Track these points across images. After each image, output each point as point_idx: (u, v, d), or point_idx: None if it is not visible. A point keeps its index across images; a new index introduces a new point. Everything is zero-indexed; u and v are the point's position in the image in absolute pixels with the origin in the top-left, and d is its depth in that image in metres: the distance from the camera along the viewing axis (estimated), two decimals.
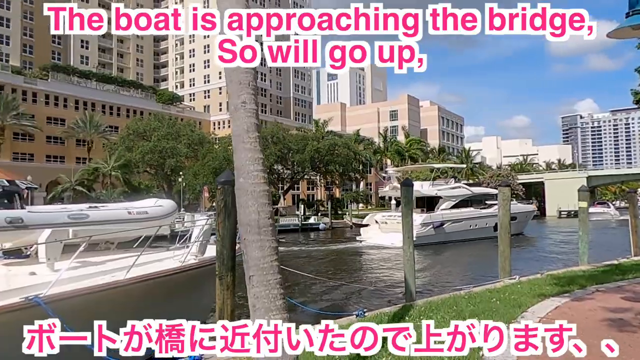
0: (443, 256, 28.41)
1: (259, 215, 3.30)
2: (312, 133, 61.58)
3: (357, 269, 24.19)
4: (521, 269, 17.87)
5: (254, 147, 3.48)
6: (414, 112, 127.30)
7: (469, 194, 36.99)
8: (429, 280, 19.21)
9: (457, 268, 24.04)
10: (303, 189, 76.90)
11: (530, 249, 31.01)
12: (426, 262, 25.32)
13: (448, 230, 33.83)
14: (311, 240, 42.54)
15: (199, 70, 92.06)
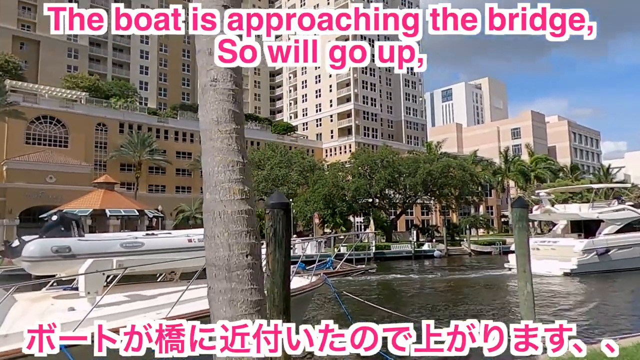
0: (608, 287, 24.95)
1: (229, 251, 2.11)
2: (424, 155, 58.98)
3: (505, 302, 21.33)
4: None
5: (227, 145, 2.34)
6: (540, 129, 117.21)
7: (637, 217, 32.98)
8: (588, 318, 16.13)
9: (622, 304, 20.26)
10: (417, 214, 73.89)
11: None
12: (587, 294, 22.56)
13: (614, 258, 30.41)
14: (426, 268, 39.93)
15: (310, 100, 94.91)
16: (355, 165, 53.88)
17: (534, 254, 31.28)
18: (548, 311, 17.23)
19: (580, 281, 26.30)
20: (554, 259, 29.43)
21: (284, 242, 5.32)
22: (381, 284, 29.03)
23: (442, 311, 16.84)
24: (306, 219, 51.88)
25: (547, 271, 28.65)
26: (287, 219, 5.41)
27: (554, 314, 16.88)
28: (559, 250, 30.17)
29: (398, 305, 18.72)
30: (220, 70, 2.34)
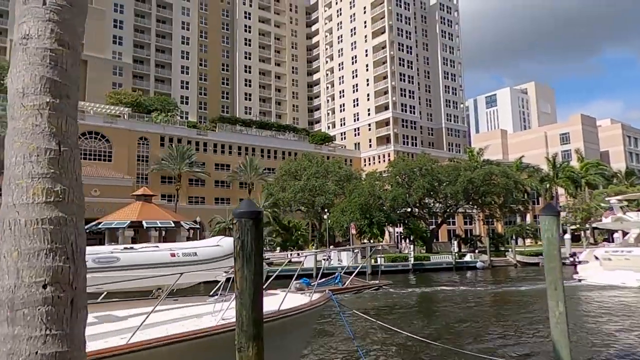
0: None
1: (17, 279, 1.44)
2: (465, 163, 56.95)
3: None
4: None
5: (32, 126, 1.64)
6: (590, 133, 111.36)
7: None
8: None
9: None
10: (459, 224, 71.41)
11: None
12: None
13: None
14: (468, 280, 38.12)
15: (348, 109, 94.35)
16: (393, 174, 52.63)
17: (606, 265, 31.18)
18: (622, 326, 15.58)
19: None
20: (629, 270, 28.36)
21: (254, 257, 4.61)
22: (420, 296, 27.75)
23: (478, 334, 15.46)
24: (343, 229, 51.01)
25: (622, 282, 27.64)
26: (258, 230, 4.70)
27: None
28: (634, 260, 29.00)
29: (429, 323, 17.61)
30: (34, 23, 1.67)
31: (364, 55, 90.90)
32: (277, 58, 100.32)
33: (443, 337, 13.83)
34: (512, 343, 13.27)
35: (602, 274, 30.49)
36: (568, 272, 33.81)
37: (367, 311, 20.29)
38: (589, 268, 32.74)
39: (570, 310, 22.31)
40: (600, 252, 33.14)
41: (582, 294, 26.38)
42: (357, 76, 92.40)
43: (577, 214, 62.05)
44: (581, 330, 16.29)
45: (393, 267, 43.28)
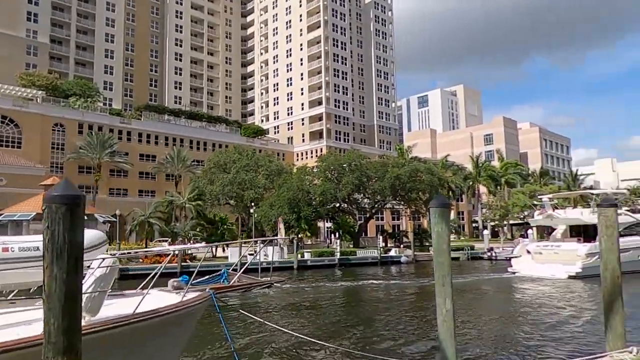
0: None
1: None
2: (392, 160, 58.04)
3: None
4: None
5: None
6: (511, 135, 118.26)
7: (634, 222, 34.59)
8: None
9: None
10: (387, 219, 72.96)
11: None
12: (590, 297, 23.22)
13: None
14: (389, 275, 38.75)
15: (282, 103, 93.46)
16: (322, 169, 52.52)
17: (537, 258, 33.13)
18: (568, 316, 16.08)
19: (586, 284, 27.28)
20: (558, 263, 30.28)
21: (68, 252, 3.76)
22: (338, 291, 27.60)
23: (379, 331, 15.14)
24: (271, 224, 50.23)
25: (551, 274, 29.56)
26: (74, 218, 3.84)
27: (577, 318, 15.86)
28: (562, 254, 31.02)
29: (332, 321, 17.31)
30: None
31: (298, 49, 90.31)
32: (210, 47, 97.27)
33: (340, 335, 13.43)
34: (412, 340, 13.18)
35: (534, 267, 32.42)
36: (504, 265, 37.96)
37: (268, 310, 19.70)
38: (522, 261, 34.60)
39: (500, 300, 23.58)
40: (532, 247, 35.10)
41: (514, 285, 28.39)
42: (291, 70, 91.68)
43: (495, 211, 65.33)
44: (498, 321, 16.73)
45: (319, 261, 43.19)
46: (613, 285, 8.29)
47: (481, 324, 16.28)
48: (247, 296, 22.58)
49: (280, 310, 20.16)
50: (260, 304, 21.50)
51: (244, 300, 22.26)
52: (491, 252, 51.41)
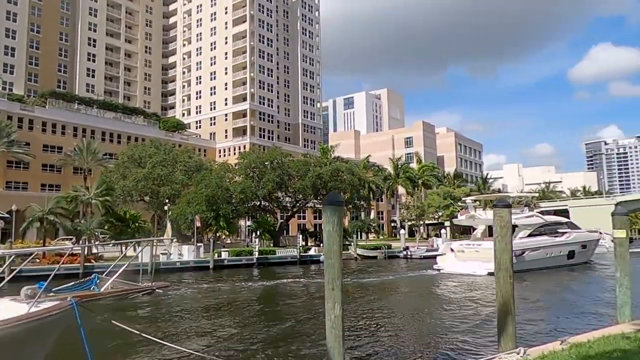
0: (525, 285, 27.20)
1: None
2: (314, 159, 58.09)
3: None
4: (537, 331, 13.62)
5: None
6: (430, 139, 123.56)
7: (543, 222, 37.31)
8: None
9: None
10: (309, 218, 73.04)
11: (564, 290, 26.37)
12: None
13: (527, 259, 33.75)
14: (311, 274, 38.54)
15: (205, 97, 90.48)
16: (243, 166, 51.29)
17: (460, 256, 35.04)
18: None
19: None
20: (479, 261, 31.86)
21: None
22: (254, 292, 26.78)
23: (272, 337, 14.57)
24: (187, 222, 48.14)
25: (473, 271, 31.21)
26: None
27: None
28: (483, 252, 32.46)
29: (234, 322, 16.59)
30: None
31: (223, 42, 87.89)
32: (129, 34, 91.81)
33: (241, 342, 12.79)
34: (307, 345, 12.76)
35: (457, 264, 33.94)
36: (419, 264, 40.42)
37: (173, 315, 18.49)
38: (446, 259, 36.13)
39: (418, 297, 24.19)
40: (455, 245, 36.82)
41: (436, 282, 29.97)
42: (215, 63, 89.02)
43: (412, 211, 67.67)
44: (406, 319, 16.80)
45: (237, 261, 42.02)
46: (506, 285, 8.30)
47: (387, 324, 16.30)
48: (156, 300, 21.23)
49: (184, 313, 19.00)
50: (166, 308, 20.18)
51: (152, 305, 20.85)
52: (407, 251, 53.03)
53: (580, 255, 38.39)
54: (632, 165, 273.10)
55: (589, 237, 40.37)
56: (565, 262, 36.82)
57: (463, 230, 79.03)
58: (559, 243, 36.93)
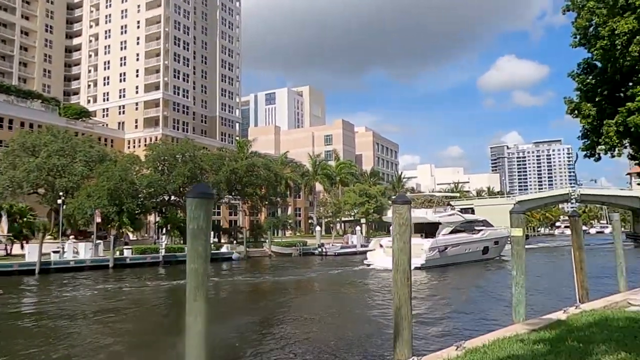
0: (448, 277, 30.00)
1: None
2: (230, 153, 56.16)
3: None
4: (438, 333, 13.45)
5: None
6: (349, 138, 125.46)
7: (463, 220, 40.46)
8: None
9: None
10: (224, 215, 70.72)
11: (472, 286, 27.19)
12: (432, 283, 27.16)
13: (450, 254, 36.39)
14: (222, 272, 36.96)
15: (114, 83, 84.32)
16: (151, 158, 48.15)
17: (388, 252, 37.28)
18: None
19: (428, 273, 31.54)
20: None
21: None
22: (154, 291, 24.76)
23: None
24: (86, 217, 44.25)
25: None
26: None
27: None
28: (411, 248, 33.82)
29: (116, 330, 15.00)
30: None
31: (135, 26, 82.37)
32: (26, 10, 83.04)
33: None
34: None
35: (386, 260, 34.85)
36: (302, 264, 41.11)
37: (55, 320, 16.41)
38: (376, 255, 37.57)
39: (344, 293, 23.76)
40: (384, 241, 37.97)
41: (369, 275, 31.31)
42: (126, 48, 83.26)
43: (329, 207, 67.92)
44: (313, 320, 16.02)
45: (141, 259, 39.30)
46: (403, 288, 7.66)
47: (291, 327, 15.46)
48: (47, 301, 18.83)
49: (61, 321, 16.82)
50: (51, 312, 17.82)
51: (41, 306, 18.43)
52: (322, 247, 52.96)
53: (493, 251, 41.77)
54: (530, 168, 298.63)
55: (501, 234, 43.37)
56: (481, 257, 39.76)
57: (378, 227, 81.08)
58: (476, 239, 39.64)
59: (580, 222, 12.55)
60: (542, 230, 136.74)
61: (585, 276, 12.94)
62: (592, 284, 13.48)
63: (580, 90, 17.98)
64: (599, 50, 15.92)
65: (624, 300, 11.97)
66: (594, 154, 18.19)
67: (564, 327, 8.15)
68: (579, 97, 18.14)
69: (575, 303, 11.02)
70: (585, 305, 10.86)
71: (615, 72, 16.44)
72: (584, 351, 6.43)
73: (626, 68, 15.50)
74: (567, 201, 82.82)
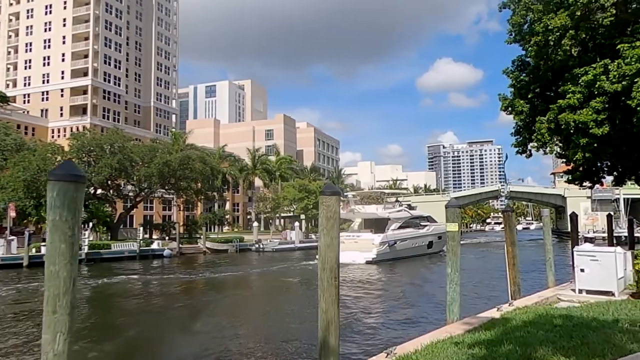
0: (397, 271, 31.21)
1: None
2: (163, 144, 53.42)
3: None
4: (370, 336, 12.82)
5: None
6: (290, 133, 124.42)
7: (410, 216, 41.81)
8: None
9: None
10: (158, 210, 67.47)
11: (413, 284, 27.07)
12: (381, 276, 28.26)
13: (398, 248, 37.79)
14: (152, 270, 34.87)
15: (36, 67, 78.05)
16: (75, 148, 44.73)
17: (340, 247, 37.84)
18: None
19: (379, 267, 32.88)
20: (357, 251, 34.76)
21: None
22: None
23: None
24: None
25: (353, 260, 33.68)
26: None
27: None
28: (361, 243, 35.84)
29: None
30: None
31: (61, 7, 76.58)
32: None
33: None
34: None
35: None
36: (298, 255, 42.82)
37: None
38: None
39: (288, 286, 23.02)
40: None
41: (310, 271, 30.48)
42: (50, 30, 77.29)
43: (267, 203, 66.65)
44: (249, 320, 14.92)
45: None
46: (330, 289, 6.81)
47: (220, 328, 14.30)
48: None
49: None
50: None
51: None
52: (259, 244, 51.68)
53: (436, 245, 43.01)
54: (464, 167, 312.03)
55: (443, 229, 44.95)
56: (426, 251, 41.42)
57: (316, 223, 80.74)
58: (422, 234, 41.41)
59: (514, 218, 12.37)
60: (474, 227, 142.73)
61: (517, 272, 12.82)
62: (522, 278, 13.43)
63: (514, 87, 18.12)
64: (533, 47, 15.99)
65: (554, 295, 11.95)
66: (525, 151, 18.43)
67: (499, 328, 7.70)
68: (513, 94, 18.29)
69: (509, 300, 10.77)
70: (518, 302, 10.63)
71: (548, 70, 16.63)
72: (522, 355, 5.92)
73: (558, 64, 15.66)
74: (498, 197, 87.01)
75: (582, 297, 11.29)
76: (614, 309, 8.92)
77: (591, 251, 11.73)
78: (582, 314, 8.51)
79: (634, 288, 11.98)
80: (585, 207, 71.09)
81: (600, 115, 14.18)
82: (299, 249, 53.85)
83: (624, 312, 8.59)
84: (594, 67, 14.38)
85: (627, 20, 14.75)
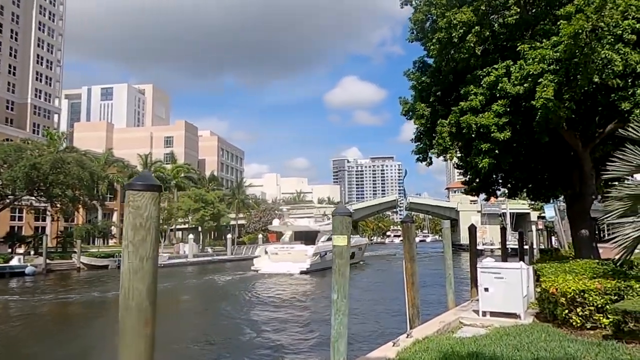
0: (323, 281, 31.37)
1: None
2: (34, 145, 46.68)
3: None
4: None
5: None
6: (192, 141, 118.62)
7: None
8: None
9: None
10: (29, 220, 59.04)
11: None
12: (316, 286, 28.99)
13: (328, 259, 37.28)
14: (12, 290, 29.22)
15: None
16: None
17: (274, 258, 38.69)
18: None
19: (312, 277, 34.26)
20: (291, 261, 36.24)
21: None
22: None
23: None
24: None
25: (287, 270, 35.19)
26: None
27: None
28: (295, 254, 37.49)
29: None
30: None
31: None
32: None
33: None
34: None
35: (272, 265, 37.41)
36: (191, 270, 42.98)
37: None
38: (262, 260, 39.57)
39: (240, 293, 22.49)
40: (270, 248, 40.32)
41: (256, 281, 32.47)
42: None
43: (160, 214, 61.43)
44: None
45: None
46: (138, 344, 4.13)
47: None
48: None
49: None
50: None
51: None
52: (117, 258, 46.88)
53: (358, 256, 45.56)
54: (366, 181, 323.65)
55: (362, 242, 50.76)
56: (352, 261, 42.56)
57: (217, 236, 76.51)
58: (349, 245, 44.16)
59: (414, 229, 10.65)
60: (375, 239, 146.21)
61: (416, 292, 11.02)
62: (421, 293, 11.88)
63: (415, 89, 16.93)
64: (435, 45, 14.80)
65: (456, 319, 10.43)
66: (426, 158, 17.27)
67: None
68: (414, 97, 17.09)
69: (407, 330, 8.89)
70: (418, 331, 8.82)
71: (450, 72, 15.60)
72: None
73: (460, 65, 14.62)
74: (396, 207, 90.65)
75: (487, 320, 9.93)
76: (528, 340, 7.42)
77: (496, 268, 10.42)
78: (494, 352, 6.76)
79: (536, 307, 10.99)
80: (475, 220, 75.14)
81: (502, 119, 13.22)
82: (192, 263, 49.73)
83: (540, 345, 7.07)
84: (496, 67, 13.47)
85: (529, 22, 14.10)
